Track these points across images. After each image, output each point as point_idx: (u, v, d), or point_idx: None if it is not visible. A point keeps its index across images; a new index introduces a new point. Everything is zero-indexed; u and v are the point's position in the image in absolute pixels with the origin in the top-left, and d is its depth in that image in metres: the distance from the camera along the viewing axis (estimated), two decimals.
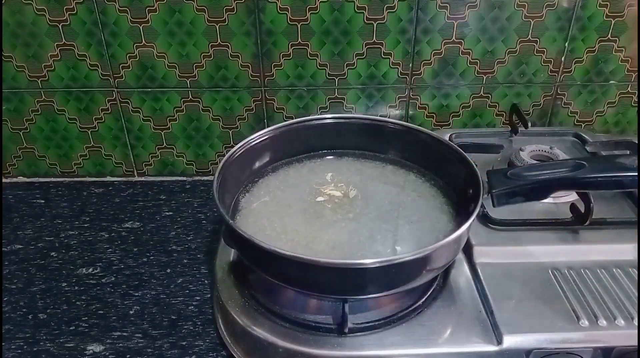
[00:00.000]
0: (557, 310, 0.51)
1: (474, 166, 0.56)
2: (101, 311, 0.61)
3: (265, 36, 0.74)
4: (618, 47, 0.77)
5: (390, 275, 0.47)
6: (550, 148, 0.70)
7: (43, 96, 0.78)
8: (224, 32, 0.73)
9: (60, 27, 0.73)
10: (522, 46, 0.76)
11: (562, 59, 0.77)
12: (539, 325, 0.50)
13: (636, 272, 0.56)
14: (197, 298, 0.63)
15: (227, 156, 0.59)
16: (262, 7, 0.71)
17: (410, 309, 0.53)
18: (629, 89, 0.81)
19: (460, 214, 0.58)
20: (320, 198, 0.61)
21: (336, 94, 0.79)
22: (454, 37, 0.75)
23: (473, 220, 0.49)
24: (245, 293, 0.55)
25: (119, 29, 0.73)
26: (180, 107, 0.79)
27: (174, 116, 0.80)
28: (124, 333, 0.58)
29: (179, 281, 0.65)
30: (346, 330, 0.50)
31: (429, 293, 0.55)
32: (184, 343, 0.57)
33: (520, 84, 0.80)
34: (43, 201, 0.80)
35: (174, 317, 0.60)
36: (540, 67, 0.78)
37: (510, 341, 0.49)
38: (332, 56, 0.76)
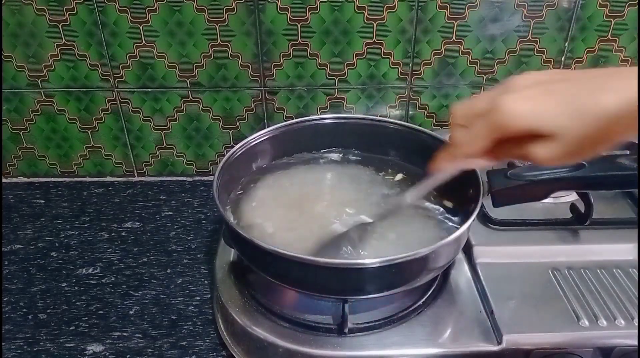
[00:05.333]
0: (557, 310, 0.51)
1: None
2: (101, 312, 0.61)
3: (265, 36, 0.74)
4: (618, 47, 0.76)
5: (390, 275, 0.47)
6: None
7: (43, 96, 0.78)
8: (224, 32, 0.73)
9: (60, 27, 0.72)
10: (522, 45, 0.76)
11: (562, 59, 0.77)
12: (539, 325, 0.50)
13: (636, 272, 0.56)
14: (197, 298, 0.63)
15: (227, 156, 0.59)
16: (262, 7, 0.71)
17: (410, 309, 0.53)
18: None
19: (460, 215, 0.58)
20: (319, 198, 0.61)
21: (336, 94, 0.79)
22: (454, 37, 0.75)
23: (473, 220, 0.49)
24: (245, 293, 0.55)
25: (119, 29, 0.73)
26: (180, 107, 0.79)
27: (174, 116, 0.80)
28: (124, 333, 0.58)
29: (179, 281, 0.65)
30: (346, 330, 0.50)
31: (429, 293, 0.55)
32: (184, 343, 0.57)
33: None
34: (43, 201, 0.80)
35: (174, 317, 0.60)
36: (541, 67, 0.78)
37: (510, 341, 0.49)
38: (332, 56, 0.75)
